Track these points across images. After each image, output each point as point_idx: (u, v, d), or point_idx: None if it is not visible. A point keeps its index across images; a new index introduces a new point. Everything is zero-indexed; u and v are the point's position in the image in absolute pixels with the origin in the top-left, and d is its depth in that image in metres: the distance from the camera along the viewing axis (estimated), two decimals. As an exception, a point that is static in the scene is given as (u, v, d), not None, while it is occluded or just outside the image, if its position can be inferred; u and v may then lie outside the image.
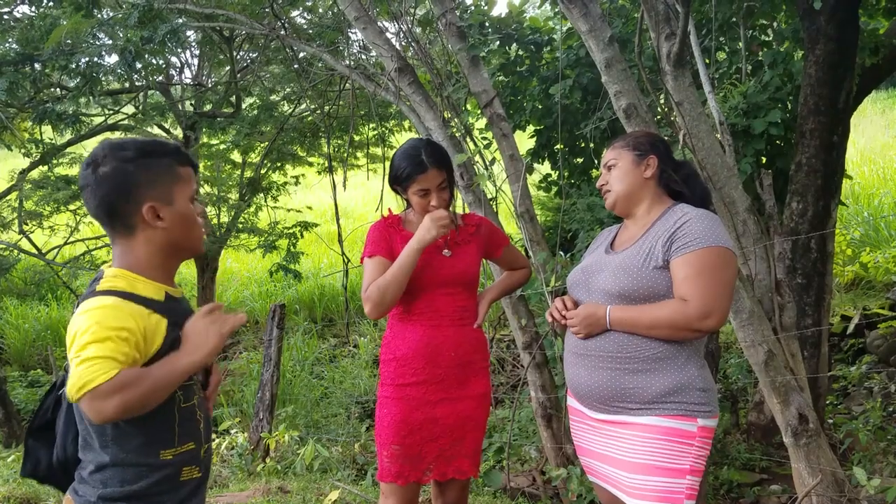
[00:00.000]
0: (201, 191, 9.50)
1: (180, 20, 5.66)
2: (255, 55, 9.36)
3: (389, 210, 2.75)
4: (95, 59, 6.05)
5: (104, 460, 1.61)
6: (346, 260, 6.70)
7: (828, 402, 4.97)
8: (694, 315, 2.03)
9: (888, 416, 4.73)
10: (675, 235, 2.10)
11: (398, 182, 2.58)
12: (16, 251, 8.35)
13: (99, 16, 6.05)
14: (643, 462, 2.09)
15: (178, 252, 1.73)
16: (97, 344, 1.51)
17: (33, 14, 7.05)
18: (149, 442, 1.62)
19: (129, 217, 1.65)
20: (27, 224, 9.09)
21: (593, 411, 2.23)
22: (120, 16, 5.43)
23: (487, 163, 4.02)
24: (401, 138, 9.04)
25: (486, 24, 4.86)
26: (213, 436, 5.27)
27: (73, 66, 6.03)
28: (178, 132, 9.86)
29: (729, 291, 2.09)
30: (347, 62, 4.97)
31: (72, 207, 9.51)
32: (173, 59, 9.74)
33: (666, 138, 2.55)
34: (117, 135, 9.97)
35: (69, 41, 5.94)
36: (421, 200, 2.55)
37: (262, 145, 9.81)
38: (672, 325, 2.06)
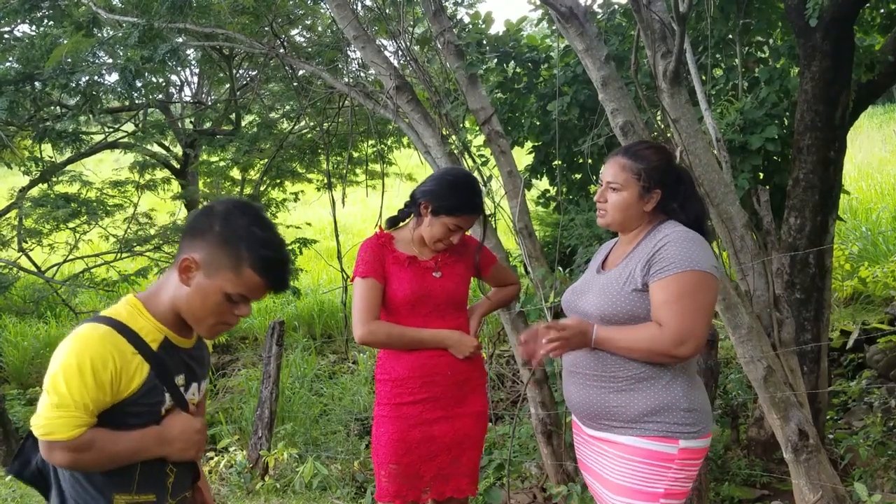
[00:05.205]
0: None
1: (180, 39, 5.69)
2: (254, 73, 9.41)
3: (380, 227, 2.74)
4: (96, 77, 6.09)
5: (61, 492, 1.60)
6: (345, 276, 6.69)
7: (828, 417, 4.95)
8: (669, 341, 2.00)
9: (888, 432, 4.71)
10: (653, 259, 2.07)
11: (440, 203, 2.53)
12: (15, 269, 8.34)
13: (99, 35, 6.09)
14: (621, 483, 2.09)
15: (184, 318, 1.67)
16: (72, 384, 1.50)
17: (34, 33, 7.09)
18: (101, 481, 1.59)
19: (180, 257, 1.61)
20: (26, 242, 9.09)
21: (586, 427, 2.24)
22: (120, 35, 5.46)
23: (486, 179, 4.03)
24: (399, 155, 9.06)
25: (484, 43, 4.90)
26: (212, 454, 5.24)
27: (74, 84, 6.07)
28: (178, 150, 9.90)
29: (705, 316, 2.04)
30: (346, 80, 5.00)
31: (71, 225, 9.51)
32: (173, 77, 9.81)
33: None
34: (116, 152, 10.02)
35: (69, 60, 5.97)
36: (447, 231, 2.56)
37: (261, 162, 9.83)
38: (648, 350, 2.03)
